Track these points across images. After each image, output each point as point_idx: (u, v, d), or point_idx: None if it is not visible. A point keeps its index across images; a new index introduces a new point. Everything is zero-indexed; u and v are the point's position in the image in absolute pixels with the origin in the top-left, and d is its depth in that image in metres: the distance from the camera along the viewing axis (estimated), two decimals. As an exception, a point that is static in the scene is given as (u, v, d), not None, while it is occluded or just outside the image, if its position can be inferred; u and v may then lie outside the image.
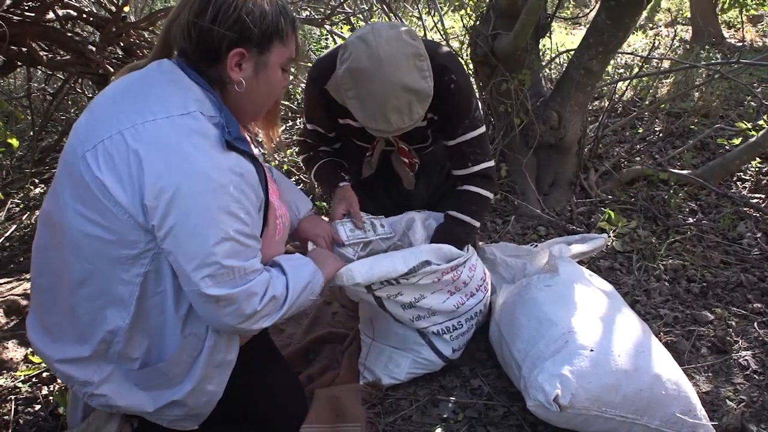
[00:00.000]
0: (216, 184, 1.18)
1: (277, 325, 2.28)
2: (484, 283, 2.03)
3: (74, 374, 1.30)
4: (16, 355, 2.05)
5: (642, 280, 2.43)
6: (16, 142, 2.80)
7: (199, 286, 1.20)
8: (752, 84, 4.65)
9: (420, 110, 1.69)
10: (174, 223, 1.17)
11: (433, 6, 4.31)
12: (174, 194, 1.16)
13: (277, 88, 1.42)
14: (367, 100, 1.65)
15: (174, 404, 1.36)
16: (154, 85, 1.26)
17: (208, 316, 1.28)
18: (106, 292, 1.25)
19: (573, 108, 3.01)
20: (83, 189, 1.21)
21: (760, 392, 1.80)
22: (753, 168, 3.32)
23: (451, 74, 1.82)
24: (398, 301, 1.80)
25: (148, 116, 1.19)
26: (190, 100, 1.23)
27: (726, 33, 6.97)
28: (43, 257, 1.34)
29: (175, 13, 1.32)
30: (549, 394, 1.50)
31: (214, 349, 1.36)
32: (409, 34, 1.66)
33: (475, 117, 1.92)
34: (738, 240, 2.70)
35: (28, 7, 2.74)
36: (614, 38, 2.83)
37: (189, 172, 1.16)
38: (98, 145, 1.20)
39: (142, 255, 1.22)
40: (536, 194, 3.07)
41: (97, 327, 1.27)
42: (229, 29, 1.27)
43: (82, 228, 1.22)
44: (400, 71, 1.61)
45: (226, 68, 1.30)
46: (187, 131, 1.19)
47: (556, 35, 5.96)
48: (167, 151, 1.17)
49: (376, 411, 1.78)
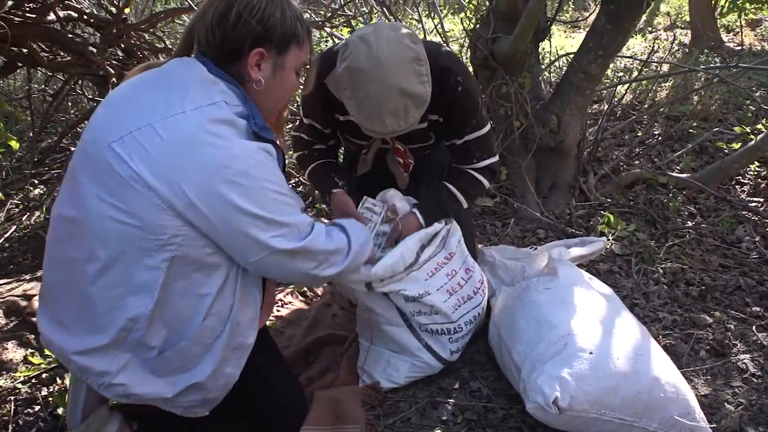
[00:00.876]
0: (252, 160, 1.26)
1: (277, 326, 2.30)
2: (482, 286, 2.03)
3: (91, 365, 1.30)
4: (16, 356, 2.05)
5: (641, 284, 2.44)
6: (17, 144, 2.81)
7: (275, 245, 1.31)
8: (751, 88, 4.66)
9: (416, 114, 1.70)
10: (226, 205, 1.23)
11: (433, 9, 4.32)
12: (217, 180, 1.22)
13: (290, 90, 1.49)
14: (364, 101, 1.66)
15: (193, 388, 1.37)
16: (178, 78, 1.31)
17: (284, 272, 1.39)
18: (128, 280, 1.26)
19: (572, 111, 3.02)
20: (110, 178, 1.23)
21: (758, 395, 1.80)
22: (752, 172, 3.34)
23: (457, 76, 1.82)
24: (402, 295, 1.84)
25: (176, 108, 1.24)
26: (214, 92, 1.29)
27: (725, 37, 6.99)
28: (57, 251, 1.34)
29: (199, 13, 1.39)
30: (548, 396, 1.50)
31: (235, 332, 1.39)
32: (410, 38, 1.67)
33: (482, 116, 1.94)
34: (736, 244, 2.71)
35: (29, 9, 2.74)
36: (614, 42, 2.84)
37: (225, 157, 1.22)
38: (126, 137, 1.23)
39: (170, 240, 1.25)
40: (535, 197, 3.07)
41: (117, 315, 1.28)
42: (252, 29, 1.34)
43: (107, 216, 1.24)
44: (399, 75, 1.62)
45: (246, 66, 1.37)
46: (216, 121, 1.25)
47: (556, 38, 5.98)
48: (201, 141, 1.22)
49: (376, 413, 1.78)
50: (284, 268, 1.38)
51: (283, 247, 1.32)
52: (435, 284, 1.89)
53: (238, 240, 1.29)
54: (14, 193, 3.48)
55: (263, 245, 1.30)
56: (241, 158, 1.24)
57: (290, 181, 3.55)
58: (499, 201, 3.21)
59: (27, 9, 2.73)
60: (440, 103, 1.83)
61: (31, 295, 2.33)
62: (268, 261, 1.33)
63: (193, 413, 1.43)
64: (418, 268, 1.88)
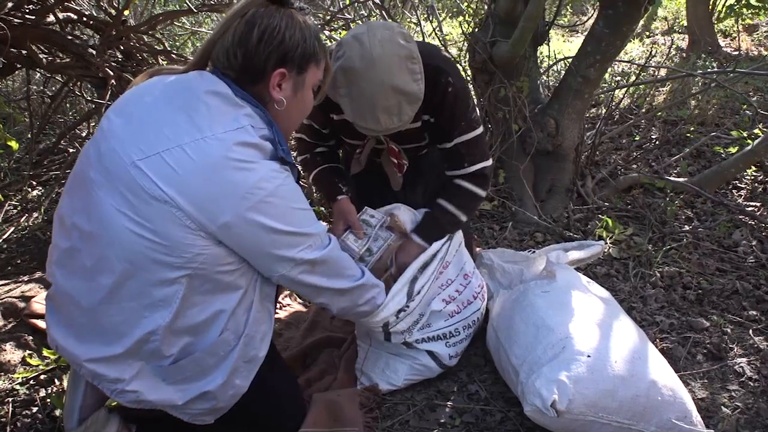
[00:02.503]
0: (279, 181, 1.29)
1: (276, 329, 2.30)
2: (481, 291, 2.03)
3: (105, 372, 1.31)
4: (14, 358, 2.05)
5: (638, 287, 2.44)
6: (16, 145, 2.80)
7: (302, 257, 1.36)
8: (748, 93, 4.68)
9: (410, 112, 1.70)
10: (258, 226, 1.27)
11: (432, 12, 4.33)
12: (249, 202, 1.24)
13: (308, 108, 1.52)
14: (358, 100, 1.67)
15: (204, 396, 1.38)
16: (203, 98, 1.30)
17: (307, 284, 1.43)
18: (147, 293, 1.27)
19: (570, 115, 3.03)
20: (134, 195, 1.23)
21: (755, 399, 1.81)
22: (748, 176, 3.35)
23: (448, 76, 1.83)
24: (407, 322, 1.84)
25: (206, 131, 1.25)
26: (241, 115, 1.30)
27: (722, 42, 7.01)
28: (70, 259, 1.34)
29: (217, 33, 1.38)
30: (546, 399, 1.50)
31: (248, 345, 1.42)
32: (403, 36, 1.68)
33: (472, 119, 1.93)
34: (733, 248, 2.72)
35: (29, 10, 2.74)
36: (612, 46, 2.85)
37: (256, 180, 1.25)
38: (154, 156, 1.23)
39: (194, 258, 1.26)
40: (533, 201, 3.08)
41: (135, 327, 1.28)
42: (274, 50, 1.35)
43: (129, 229, 1.24)
44: (392, 73, 1.63)
45: (268, 87, 1.38)
46: (245, 144, 1.26)
47: (554, 42, 5.99)
48: (232, 165, 1.23)
49: (374, 415, 1.78)
50: (306, 280, 1.41)
51: (308, 258, 1.37)
52: (429, 296, 1.88)
53: (269, 256, 1.33)
54: (12, 194, 3.48)
55: (292, 258, 1.35)
56: (269, 180, 1.27)
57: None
58: (497, 204, 3.22)
59: (26, 10, 2.73)
60: (431, 103, 1.83)
61: (30, 296, 2.33)
62: (294, 272, 1.37)
63: (200, 421, 1.44)
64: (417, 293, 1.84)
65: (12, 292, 2.41)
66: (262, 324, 1.45)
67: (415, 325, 1.85)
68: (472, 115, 1.93)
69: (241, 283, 1.37)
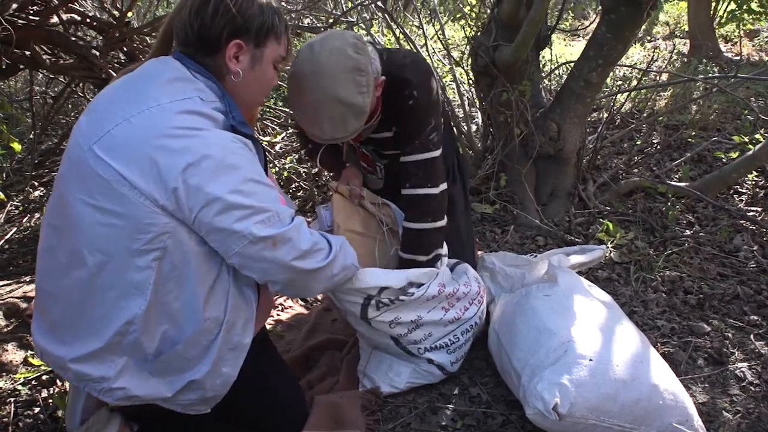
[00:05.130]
0: (228, 149, 1.27)
1: (277, 331, 2.30)
2: (478, 296, 2.03)
3: (89, 371, 1.30)
4: (16, 358, 2.05)
5: (639, 291, 2.45)
6: (19, 147, 2.81)
7: (253, 232, 1.28)
8: (749, 98, 4.69)
9: (355, 124, 1.68)
10: (205, 195, 1.23)
11: (434, 15, 4.34)
12: (194, 170, 1.22)
13: (268, 84, 1.51)
14: (304, 107, 1.68)
15: (192, 385, 1.37)
16: (155, 76, 1.33)
17: (266, 265, 1.34)
18: (120, 282, 1.26)
19: (572, 119, 3.04)
20: (93, 181, 1.24)
21: (756, 404, 1.81)
22: (750, 181, 3.35)
23: (413, 90, 1.80)
24: (397, 323, 1.82)
25: (151, 102, 1.25)
26: (190, 89, 1.31)
27: (723, 47, 7.03)
28: (48, 259, 1.34)
29: (177, 8, 1.41)
30: (548, 402, 1.51)
31: (231, 332, 1.39)
32: (355, 48, 1.66)
33: (429, 139, 1.85)
34: (734, 252, 2.72)
35: (33, 11, 2.75)
36: (614, 51, 2.86)
37: (201, 146, 1.23)
38: (105, 136, 1.25)
39: (157, 238, 1.25)
40: (535, 204, 3.09)
41: (113, 318, 1.28)
42: (229, 21, 1.35)
43: (94, 220, 1.24)
44: (335, 82, 1.63)
45: (224, 58, 1.38)
46: (191, 112, 1.26)
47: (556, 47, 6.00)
48: (176, 132, 1.23)
49: (376, 418, 1.79)
50: (266, 260, 1.33)
51: (263, 234, 1.29)
52: (429, 305, 1.86)
53: (220, 230, 1.27)
54: (14, 195, 3.49)
55: (243, 233, 1.28)
56: (217, 147, 1.25)
57: (291, 186, 3.56)
58: (498, 208, 3.22)
59: (30, 11, 2.74)
60: (396, 115, 1.83)
61: (31, 297, 2.34)
62: (250, 251, 1.31)
63: (194, 411, 1.43)
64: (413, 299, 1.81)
65: (14, 293, 2.42)
66: (241, 310, 1.42)
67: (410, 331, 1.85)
68: (430, 135, 1.85)
69: (213, 266, 1.34)
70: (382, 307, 1.77)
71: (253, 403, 1.56)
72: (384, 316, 1.79)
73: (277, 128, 4.29)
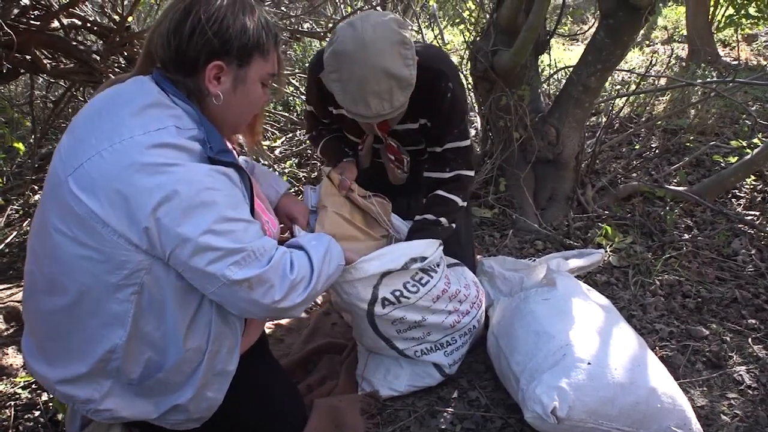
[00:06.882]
0: (201, 185, 1.19)
1: (277, 334, 2.31)
2: (477, 300, 2.03)
3: (76, 393, 1.30)
4: (16, 361, 2.06)
5: (638, 295, 2.45)
6: (22, 147, 2.82)
7: (227, 276, 1.21)
8: (747, 102, 4.69)
9: (401, 97, 1.68)
10: (176, 236, 1.17)
11: (433, 20, 4.36)
12: (165, 209, 1.16)
13: (256, 103, 1.43)
14: (348, 83, 1.66)
15: (176, 408, 1.37)
16: (129, 102, 1.24)
17: (244, 304, 1.28)
18: (102, 311, 1.24)
19: (571, 124, 3.05)
20: (69, 212, 1.20)
21: (754, 407, 1.82)
22: (748, 185, 3.36)
23: (449, 81, 1.83)
24: (402, 322, 1.81)
25: (125, 134, 1.18)
26: (166, 116, 1.23)
27: (721, 51, 7.04)
28: (31, 282, 1.33)
29: (157, 22, 1.33)
30: (546, 406, 1.51)
31: (214, 360, 1.37)
32: (397, 23, 1.67)
33: (465, 128, 1.95)
34: (733, 256, 2.73)
35: (34, 16, 2.77)
36: (612, 56, 2.87)
37: (172, 182, 1.16)
38: (79, 168, 1.19)
39: (134, 274, 1.21)
40: (534, 209, 3.09)
41: (95, 345, 1.26)
42: (208, 41, 1.27)
43: (72, 250, 1.21)
44: (383, 56, 1.62)
45: (204, 80, 1.31)
46: (163, 146, 1.18)
47: (555, 51, 6.02)
48: (147, 168, 1.16)
49: (375, 421, 1.79)
50: (243, 301, 1.27)
51: (237, 278, 1.22)
52: (438, 307, 1.86)
53: (194, 270, 1.22)
54: (15, 198, 3.49)
55: (217, 275, 1.21)
56: (189, 183, 1.17)
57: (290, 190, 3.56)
58: (497, 212, 3.23)
59: (31, 16, 2.75)
60: (429, 106, 1.84)
61: (32, 300, 2.34)
62: (225, 292, 1.25)
63: (184, 427, 1.43)
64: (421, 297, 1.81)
65: (14, 296, 2.42)
66: (226, 338, 1.38)
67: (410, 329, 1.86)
68: (465, 125, 1.94)
69: (192, 300, 1.30)
70: (388, 305, 1.77)
71: (252, 408, 1.56)
72: (391, 315, 1.78)
73: (277, 132, 4.30)
